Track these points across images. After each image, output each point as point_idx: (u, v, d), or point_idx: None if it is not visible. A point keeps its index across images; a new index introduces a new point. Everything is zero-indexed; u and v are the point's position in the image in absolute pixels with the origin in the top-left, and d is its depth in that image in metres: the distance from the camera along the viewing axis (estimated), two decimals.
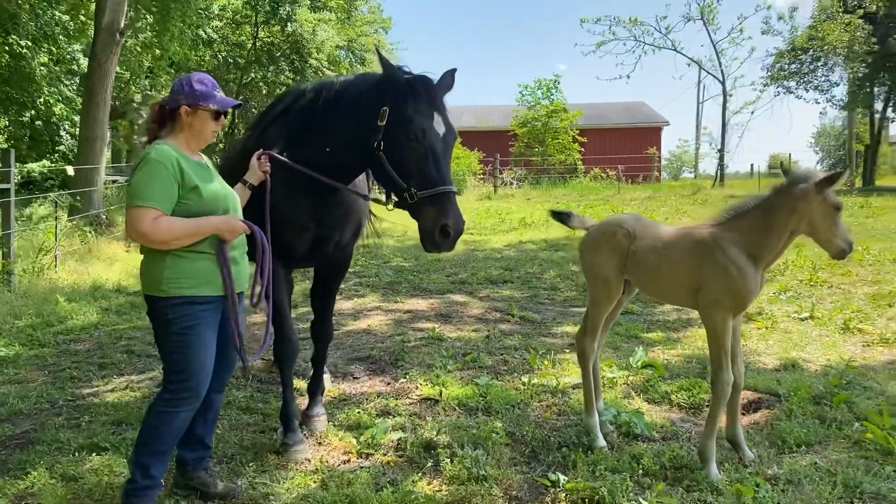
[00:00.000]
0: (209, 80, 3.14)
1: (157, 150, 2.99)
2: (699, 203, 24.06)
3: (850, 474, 3.49)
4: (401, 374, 5.47)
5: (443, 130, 3.50)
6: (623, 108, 47.71)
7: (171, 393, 3.07)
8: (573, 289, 9.17)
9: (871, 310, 7.49)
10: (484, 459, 3.66)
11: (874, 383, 4.97)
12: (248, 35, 30.24)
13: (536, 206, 22.83)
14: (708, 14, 33.78)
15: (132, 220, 2.90)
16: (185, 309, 2.99)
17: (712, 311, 3.52)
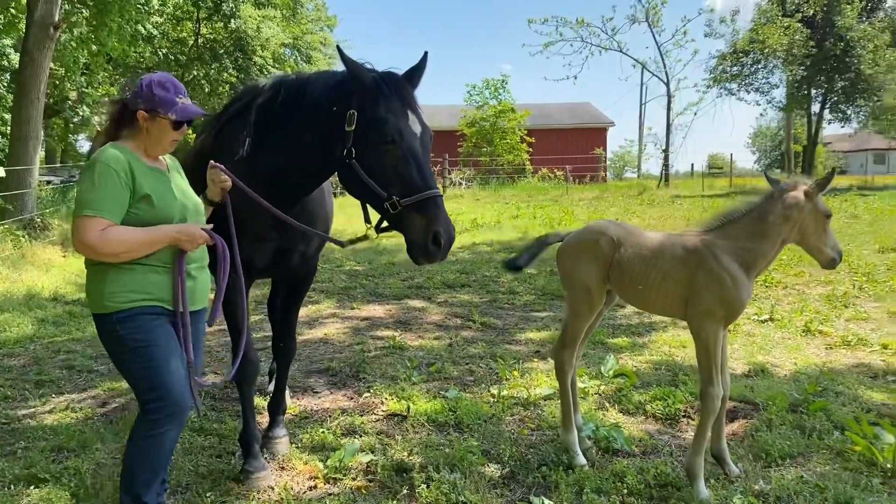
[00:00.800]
0: (172, 84, 2.82)
1: (107, 153, 2.69)
2: (647, 203, 24.33)
3: (839, 489, 3.38)
4: (364, 387, 5.21)
5: (419, 129, 3.19)
6: (569, 108, 48.18)
7: (152, 414, 2.75)
8: (532, 293, 9.03)
9: (828, 311, 7.54)
10: (462, 483, 3.44)
11: (844, 388, 4.93)
12: (190, 31, 29.40)
13: (487, 207, 22.78)
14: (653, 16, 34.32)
15: (78, 230, 2.61)
16: (136, 320, 2.69)
17: (703, 322, 3.37)
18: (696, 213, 19.27)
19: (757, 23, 31.94)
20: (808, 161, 33.39)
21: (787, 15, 30.64)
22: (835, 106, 32.55)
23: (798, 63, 29.93)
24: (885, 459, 3.65)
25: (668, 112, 36.46)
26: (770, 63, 32.30)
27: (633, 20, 34.97)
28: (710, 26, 34.34)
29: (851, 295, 8.29)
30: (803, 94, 32.26)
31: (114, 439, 4.28)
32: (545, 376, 5.39)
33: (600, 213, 20.15)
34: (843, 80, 30.90)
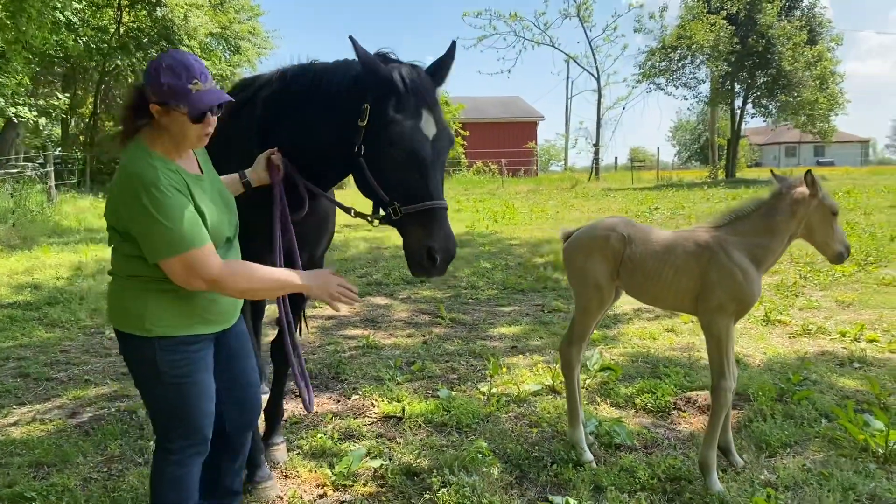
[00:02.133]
0: (185, 66, 2.32)
1: (144, 162, 2.33)
2: (581, 196, 24.77)
3: (844, 476, 3.49)
4: (348, 389, 5.09)
5: (433, 132, 2.96)
6: (500, 102, 48.60)
7: (177, 453, 2.54)
8: (493, 287, 9.04)
9: (781, 300, 7.81)
10: (481, 485, 3.39)
11: (818, 376, 5.10)
12: (111, 19, 28.18)
13: None
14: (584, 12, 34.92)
15: (195, 268, 2.29)
16: (179, 352, 2.43)
17: (716, 317, 3.42)
18: (632, 206, 19.71)
19: (684, 19, 32.92)
20: (732, 154, 34.64)
21: (712, 12, 31.68)
22: (757, 100, 33.88)
23: (723, 59, 31.01)
24: (878, 445, 3.79)
25: (599, 106, 37.26)
26: (696, 59, 33.34)
27: (565, 15, 35.55)
28: (639, 22, 35.21)
29: (799, 285, 8.62)
30: (727, 89, 33.45)
31: (96, 451, 4.06)
32: (529, 372, 5.39)
33: (540, 206, 20.39)
34: (764, 76, 32.19)
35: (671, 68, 34.22)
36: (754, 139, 68.98)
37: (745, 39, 31.11)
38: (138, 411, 4.65)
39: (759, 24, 31.03)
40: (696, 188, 27.06)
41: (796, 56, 30.77)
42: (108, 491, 3.52)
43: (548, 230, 14.85)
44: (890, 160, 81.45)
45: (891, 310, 7.18)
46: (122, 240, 2.41)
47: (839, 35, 34.21)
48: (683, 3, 34.41)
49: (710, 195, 22.58)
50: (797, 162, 62.75)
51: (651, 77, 34.78)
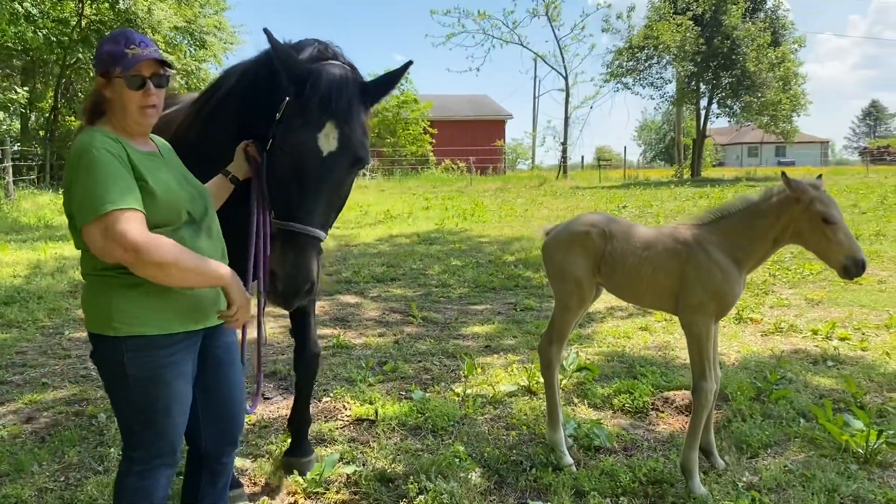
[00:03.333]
0: (124, 35, 2.30)
1: (89, 138, 2.21)
2: (550, 194, 24.80)
3: (826, 478, 3.44)
4: (319, 391, 4.93)
5: (331, 148, 2.57)
6: (468, 100, 48.57)
7: (140, 462, 2.36)
8: (464, 286, 8.93)
9: (751, 298, 7.82)
10: (459, 492, 3.27)
11: (793, 375, 5.08)
12: (72, 11, 27.46)
13: (395, 198, 22.55)
14: (552, 11, 35.00)
15: (112, 230, 2.07)
16: (147, 354, 2.26)
17: (695, 317, 3.34)
18: (600, 204, 19.79)
19: (651, 19, 33.18)
20: (698, 153, 35.03)
21: (678, 13, 31.98)
22: (722, 101, 34.31)
23: (688, 59, 31.31)
24: (858, 445, 3.76)
25: (567, 105, 37.36)
26: (663, 59, 33.63)
27: (534, 14, 35.57)
28: (606, 22, 35.40)
29: (769, 283, 8.66)
30: (693, 90, 33.81)
31: (52, 459, 3.85)
32: (504, 372, 5.29)
33: (509, 204, 20.35)
34: (729, 77, 32.60)
35: (638, 68, 34.50)
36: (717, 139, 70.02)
37: (711, 40, 31.49)
38: (98, 416, 4.45)
39: (725, 26, 31.43)
40: (663, 187, 27.29)
41: (760, 57, 31.22)
42: (64, 502, 3.33)
43: (517, 228, 14.80)
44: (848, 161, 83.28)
45: (860, 308, 7.23)
46: (78, 232, 2.25)
47: (802, 37, 34.86)
48: (650, 4, 34.73)
49: (677, 194, 22.77)
50: (759, 162, 63.80)
51: (618, 76, 35.01)
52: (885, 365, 5.32)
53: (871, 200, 17.73)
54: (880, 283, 8.43)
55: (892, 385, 4.89)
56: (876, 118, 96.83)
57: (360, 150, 2.64)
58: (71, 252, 11.41)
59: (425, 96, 38.89)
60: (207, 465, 2.63)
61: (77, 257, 2.27)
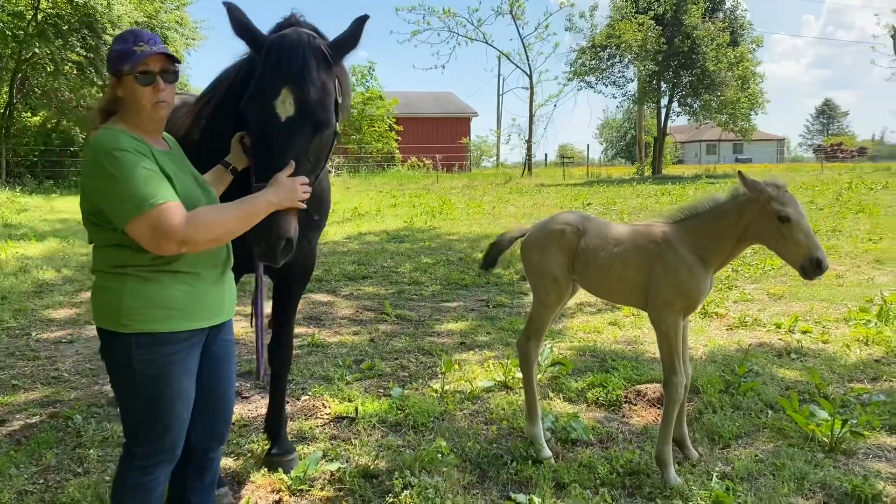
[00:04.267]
0: (132, 33, 2.36)
1: (112, 138, 2.26)
2: (516, 192, 24.96)
3: (795, 466, 3.58)
4: (297, 389, 4.95)
5: (288, 113, 2.57)
6: (433, 97, 48.55)
7: (143, 458, 2.39)
8: (436, 283, 8.99)
9: (716, 293, 8.02)
10: (443, 486, 3.33)
11: (759, 368, 5.24)
12: (28, 4, 26.80)
13: (362, 196, 22.49)
14: (516, 9, 35.19)
15: (158, 227, 2.15)
16: (155, 351, 2.30)
17: (662, 313, 3.43)
18: (566, 201, 20.00)
19: (613, 19, 33.58)
20: (659, 151, 35.57)
21: (640, 12, 32.43)
22: (682, 99, 34.87)
23: (650, 58, 31.78)
24: (824, 435, 3.91)
25: (531, 103, 37.61)
26: (625, 58, 34.06)
27: (498, 12, 35.74)
28: (570, 21, 35.72)
29: (732, 278, 8.88)
30: (654, 88, 34.31)
31: (30, 461, 3.81)
32: (480, 368, 5.36)
33: (477, 201, 20.45)
34: (689, 76, 33.16)
35: (601, 67, 34.90)
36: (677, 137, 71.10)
37: (672, 40, 32.00)
38: (74, 417, 4.40)
39: (685, 25, 31.95)
40: (626, 184, 27.67)
41: (719, 56, 31.81)
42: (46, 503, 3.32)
43: (486, 225, 14.91)
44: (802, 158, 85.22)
45: (820, 302, 7.47)
46: (97, 229, 2.32)
47: (759, 37, 35.59)
48: (612, 3, 35.13)
49: (640, 191, 23.11)
50: (717, 159, 64.95)
51: (581, 75, 35.36)
52: (845, 357, 5.51)
53: (827, 197, 18.21)
54: (838, 277, 8.70)
55: (853, 376, 5.08)
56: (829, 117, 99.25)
57: (320, 113, 2.63)
58: (34, 251, 11.19)
59: (391, 93, 38.81)
60: (194, 459, 2.66)
61: (40, 257, 2.26)
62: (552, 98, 38.98)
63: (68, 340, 6.36)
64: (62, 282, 9.04)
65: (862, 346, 5.78)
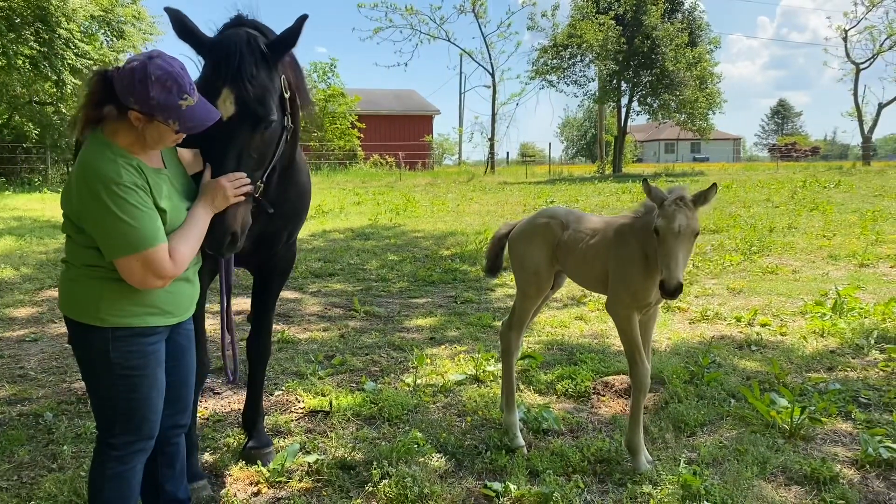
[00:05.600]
0: (175, 80, 2.24)
1: (105, 160, 2.24)
2: (479, 189, 25.10)
3: (757, 451, 3.73)
4: (270, 385, 4.97)
5: (228, 112, 2.63)
6: (395, 95, 48.50)
7: (121, 448, 2.43)
8: (403, 279, 9.04)
9: None
10: (421, 476, 3.40)
11: (721, 359, 5.41)
12: None
13: (324, 193, 22.38)
14: (479, 8, 35.36)
15: (149, 265, 2.25)
16: (133, 343, 2.34)
17: (615, 306, 3.50)
18: (529, 199, 20.19)
19: (574, 18, 33.95)
20: (619, 149, 36.08)
21: (600, 12, 32.87)
22: (642, 99, 35.41)
23: (610, 58, 32.22)
24: (783, 421, 4.07)
25: (493, 102, 37.87)
26: (586, 57, 34.46)
27: (461, 11, 35.87)
28: (532, 20, 36.00)
29: (693, 273, 9.10)
30: (615, 87, 34.79)
31: (2, 458, 3.78)
32: (451, 362, 5.44)
33: (441, 199, 20.53)
34: (649, 76, 33.70)
35: (562, 66, 35.25)
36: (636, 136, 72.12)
37: (632, 40, 32.48)
38: (44, 414, 4.36)
39: (645, 26, 32.45)
40: (587, 182, 28.01)
41: (678, 57, 32.39)
42: (23, 500, 3.29)
43: (450, 223, 14.99)
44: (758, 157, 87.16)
45: (777, 296, 7.71)
46: (77, 230, 2.32)
47: (717, 38, 36.34)
48: (574, 3, 35.50)
49: (601, 189, 23.43)
50: (675, 158, 66.02)
51: (543, 74, 35.68)
52: (802, 348, 5.72)
53: (783, 195, 18.71)
54: (794, 272, 8.99)
55: (810, 366, 5.28)
56: (784, 116, 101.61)
57: (259, 110, 2.68)
58: None
59: (353, 90, 38.65)
60: (160, 447, 2.69)
61: None
62: (514, 97, 39.35)
63: (32, 339, 6.27)
64: (21, 280, 8.88)
65: (818, 338, 6.00)
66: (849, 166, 34.01)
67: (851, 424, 4.18)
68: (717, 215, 14.50)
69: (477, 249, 10.97)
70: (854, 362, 5.33)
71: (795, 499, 3.34)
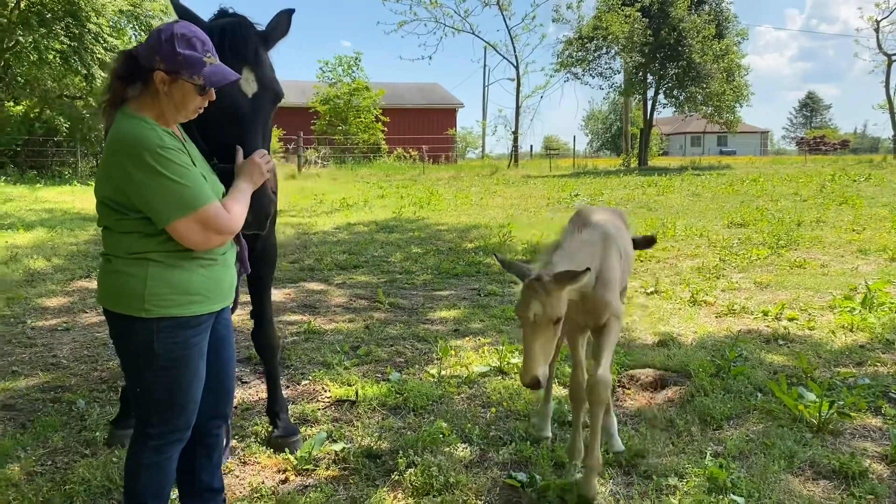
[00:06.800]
0: (199, 39, 2.34)
1: (145, 128, 2.29)
2: (503, 183, 25.06)
3: (785, 445, 3.71)
4: (297, 374, 5.03)
5: (253, 90, 2.89)
6: (419, 88, 48.49)
7: (158, 438, 2.47)
8: (427, 272, 9.06)
9: (704, 282, 8.15)
10: (446, 465, 3.43)
11: (747, 353, 5.37)
12: None
13: (349, 187, 22.48)
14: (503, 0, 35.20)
15: (210, 223, 2.33)
16: (177, 334, 2.37)
17: None
18: (553, 192, 20.12)
19: (600, 10, 33.71)
20: (645, 142, 35.81)
21: (626, 4, 32.59)
22: (668, 91, 35.11)
23: (636, 50, 31.95)
24: (812, 416, 4.04)
25: (518, 95, 37.73)
26: (612, 49, 34.22)
27: (485, 3, 35.75)
28: (557, 12, 35.84)
29: (720, 267, 9.02)
30: (640, 80, 34.52)
31: (36, 444, 3.86)
32: (475, 354, 5.46)
33: (464, 192, 20.53)
34: (675, 68, 33.38)
35: (587, 58, 35.06)
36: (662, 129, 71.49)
37: (658, 32, 32.20)
38: (77, 402, 4.46)
39: (671, 17, 32.14)
40: (612, 175, 27.85)
41: (705, 49, 32.05)
42: (57, 484, 3.37)
43: (474, 216, 14.99)
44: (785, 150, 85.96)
45: (805, 290, 7.62)
46: (118, 216, 2.33)
47: (744, 29, 35.87)
48: None
49: (626, 182, 23.29)
50: (702, 151, 65.44)
51: (568, 66, 35.50)
52: (831, 343, 5.66)
53: (811, 188, 18.46)
54: (822, 266, 8.88)
55: (838, 361, 5.22)
56: (812, 109, 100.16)
57: (276, 86, 3.03)
58: (22, 241, 11.15)
59: (377, 84, 38.71)
60: (200, 438, 2.72)
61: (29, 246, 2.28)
62: (539, 89, 39.30)
63: (64, 328, 6.39)
64: (53, 270, 9.04)
65: (847, 333, 5.92)
66: (879, 159, 33.47)
67: (881, 419, 4.14)
68: (743, 209, 14.36)
69: (500, 242, 10.96)
70: (884, 357, 5.26)
71: (823, 493, 3.32)
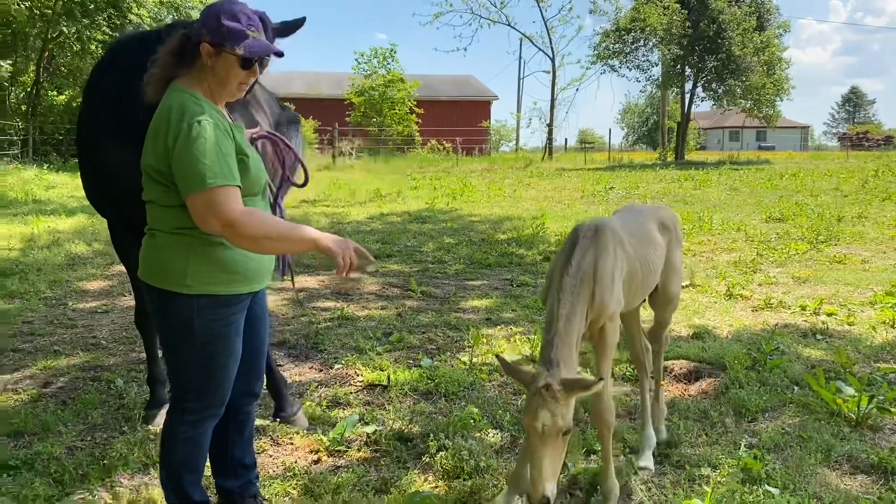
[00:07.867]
0: (247, 13, 2.37)
1: (190, 101, 2.30)
2: (536, 175, 24.93)
3: (821, 439, 3.65)
4: (330, 358, 5.08)
5: None
6: (453, 80, 48.42)
7: (193, 413, 2.52)
8: (459, 262, 9.07)
9: (740, 276, 8.03)
10: (477, 449, 3.44)
11: (784, 347, 5.28)
12: None
13: (383, 178, 22.55)
14: None
15: (214, 205, 2.21)
16: (217, 312, 2.41)
17: None
18: (587, 185, 19.98)
19: (638, 2, 33.31)
20: (682, 136, 35.35)
21: None
22: (707, 84, 34.58)
23: (675, 42, 31.53)
24: (850, 410, 3.97)
25: (553, 87, 37.47)
26: (649, 41, 33.82)
27: None
28: (594, 4, 35.52)
29: (757, 262, 8.89)
30: (678, 73, 34.06)
31: (76, 420, 3.97)
32: (507, 342, 5.45)
33: (497, 184, 20.49)
34: (714, 61, 32.85)
35: (625, 51, 34.68)
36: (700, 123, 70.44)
37: (697, 24, 31.71)
38: (116, 381, 4.56)
39: (711, 9, 31.63)
40: (648, 169, 27.57)
41: (745, 41, 31.49)
42: (96, 458, 3.45)
43: (507, 208, 14.97)
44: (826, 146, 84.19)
45: (845, 286, 7.47)
46: (161, 188, 2.35)
47: (786, 22, 35.19)
48: None
49: (662, 176, 23.03)
50: (740, 146, 64.29)
51: (604, 59, 35.17)
52: (871, 338, 5.54)
53: (853, 184, 18.07)
54: (863, 262, 8.69)
55: (878, 356, 5.11)
56: (855, 104, 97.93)
57: None
58: (64, 226, 11.41)
59: (412, 76, 38.76)
60: (232, 415, 2.76)
61: (71, 231, 2.31)
62: (575, 82, 38.95)
63: (104, 311, 6.53)
64: (93, 255, 9.23)
65: (888, 329, 5.79)
66: None
67: None
68: (782, 204, 14.11)
69: (534, 234, 10.92)
70: None
71: (861, 487, 3.26)
